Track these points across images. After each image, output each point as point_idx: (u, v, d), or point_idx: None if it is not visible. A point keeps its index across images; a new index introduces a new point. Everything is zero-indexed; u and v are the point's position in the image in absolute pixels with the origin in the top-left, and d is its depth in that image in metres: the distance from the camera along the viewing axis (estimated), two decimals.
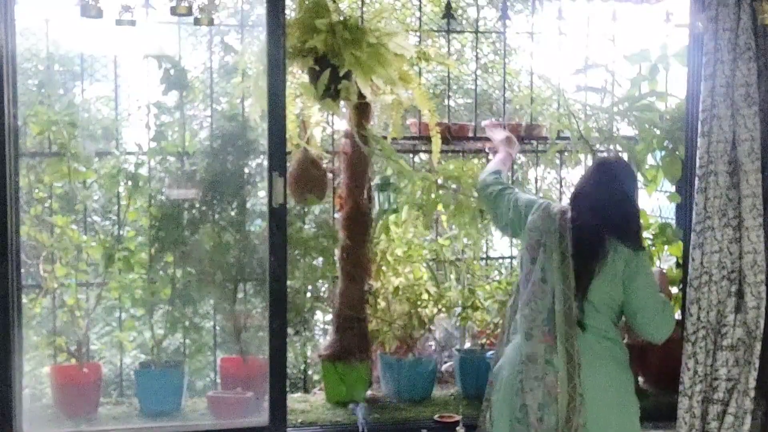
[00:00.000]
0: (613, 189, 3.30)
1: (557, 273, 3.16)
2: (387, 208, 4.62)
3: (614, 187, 3.30)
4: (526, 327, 3.16)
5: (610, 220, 3.24)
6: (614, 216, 3.25)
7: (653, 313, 3.20)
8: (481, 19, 7.18)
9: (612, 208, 3.27)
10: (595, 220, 3.24)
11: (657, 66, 4.78)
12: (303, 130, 4.34)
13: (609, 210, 3.26)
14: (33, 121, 4.14)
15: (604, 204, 3.26)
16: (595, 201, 3.28)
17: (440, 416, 4.06)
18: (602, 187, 3.30)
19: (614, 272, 3.20)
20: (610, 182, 3.31)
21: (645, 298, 3.20)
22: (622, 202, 3.30)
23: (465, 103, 7.63)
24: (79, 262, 4.24)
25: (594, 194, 3.30)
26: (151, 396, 4.17)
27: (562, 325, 3.09)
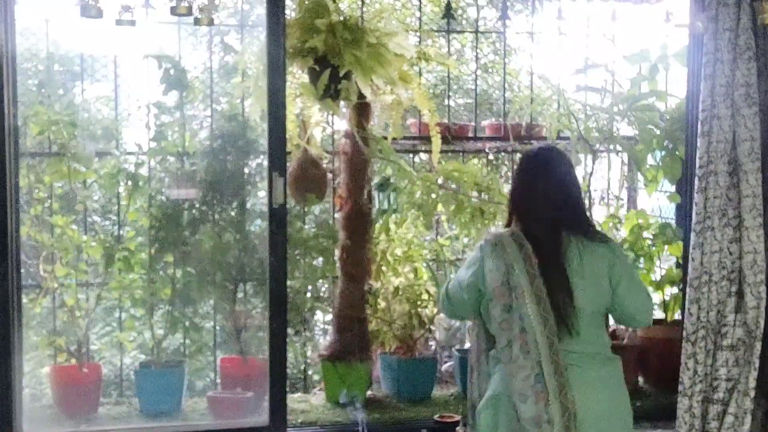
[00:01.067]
0: (547, 178, 2.97)
1: (535, 317, 2.81)
2: (387, 208, 4.63)
3: (547, 175, 2.98)
4: (519, 388, 2.81)
5: (559, 213, 2.94)
6: (561, 207, 2.95)
7: (645, 307, 3.01)
8: (481, 19, 7.17)
9: (556, 200, 2.95)
10: (547, 216, 2.93)
11: (657, 66, 4.78)
12: (303, 130, 4.34)
13: (553, 202, 2.94)
14: (33, 121, 4.14)
15: (546, 198, 2.94)
16: (535, 199, 2.96)
17: (440, 416, 4.06)
18: (537, 180, 2.97)
19: (597, 275, 2.90)
20: (542, 172, 3.00)
21: (638, 297, 2.97)
22: (561, 188, 2.98)
23: (465, 103, 7.62)
24: (79, 262, 4.24)
25: (532, 191, 2.97)
26: (151, 396, 4.17)
27: (551, 378, 2.80)
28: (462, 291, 3.02)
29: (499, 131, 4.85)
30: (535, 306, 2.83)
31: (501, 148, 5.01)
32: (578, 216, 3.00)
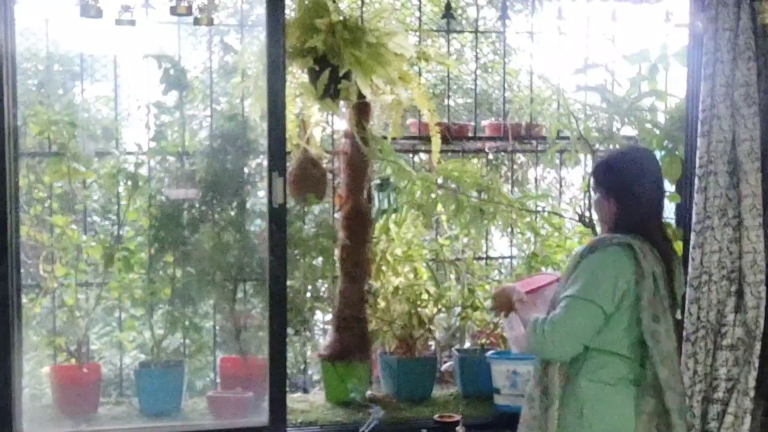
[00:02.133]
0: (660, 182, 3.06)
1: (671, 334, 2.89)
2: (387, 208, 4.63)
3: (660, 179, 3.06)
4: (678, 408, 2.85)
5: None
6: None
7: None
8: (481, 18, 7.18)
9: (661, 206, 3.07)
10: (660, 220, 3.04)
11: (657, 66, 4.77)
12: (303, 130, 4.34)
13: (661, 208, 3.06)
14: (33, 121, 4.13)
15: (661, 203, 3.05)
16: (657, 201, 3.02)
17: (440, 416, 4.06)
18: (658, 182, 3.04)
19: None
20: (658, 175, 3.05)
21: None
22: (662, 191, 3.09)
23: (465, 103, 7.62)
24: (78, 262, 4.24)
25: (654, 192, 3.01)
26: (151, 396, 4.16)
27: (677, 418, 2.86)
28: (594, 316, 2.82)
29: (498, 131, 4.85)
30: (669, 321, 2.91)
31: (501, 148, 5.02)
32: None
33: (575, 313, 2.81)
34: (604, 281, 2.83)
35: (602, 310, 2.81)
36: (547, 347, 2.83)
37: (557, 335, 2.81)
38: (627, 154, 3.11)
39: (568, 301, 2.83)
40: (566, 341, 2.82)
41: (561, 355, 2.87)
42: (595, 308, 2.81)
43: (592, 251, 2.90)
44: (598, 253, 2.88)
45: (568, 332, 2.81)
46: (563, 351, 2.85)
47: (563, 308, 2.83)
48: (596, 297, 2.81)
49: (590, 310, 2.81)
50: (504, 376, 4.19)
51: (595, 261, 2.87)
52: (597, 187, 3.06)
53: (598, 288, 2.83)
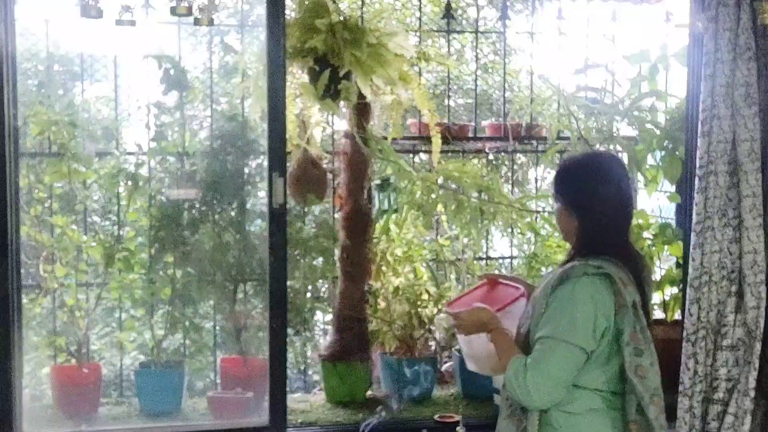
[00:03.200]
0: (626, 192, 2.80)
1: (656, 366, 2.71)
2: (387, 208, 4.63)
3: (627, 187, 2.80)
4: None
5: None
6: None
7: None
8: (481, 19, 7.17)
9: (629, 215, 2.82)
10: (626, 234, 2.80)
11: (657, 66, 4.78)
12: (303, 130, 4.34)
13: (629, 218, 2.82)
14: (33, 121, 4.13)
15: (627, 213, 2.81)
16: (623, 212, 2.79)
17: (440, 416, 4.06)
18: (623, 191, 2.77)
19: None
20: (624, 182, 2.79)
21: None
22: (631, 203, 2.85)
23: (465, 103, 7.62)
24: (79, 262, 4.24)
25: (619, 203, 2.76)
26: (151, 396, 4.16)
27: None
28: (575, 358, 2.62)
29: (499, 131, 4.85)
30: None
31: (501, 149, 5.02)
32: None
33: (556, 358, 2.60)
34: (583, 319, 2.61)
35: (584, 351, 2.62)
36: (533, 398, 2.63)
37: (541, 386, 2.61)
38: (588, 159, 2.94)
39: (546, 345, 2.62)
40: (552, 390, 2.62)
41: (547, 404, 2.66)
42: (576, 350, 2.61)
43: (563, 282, 2.66)
44: (571, 284, 2.64)
45: (552, 380, 2.61)
46: (549, 399, 2.64)
47: (542, 352, 2.62)
48: (575, 338, 2.60)
49: (571, 353, 2.61)
50: None
51: (569, 295, 2.64)
52: (557, 196, 2.83)
53: (575, 327, 2.60)
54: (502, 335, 2.81)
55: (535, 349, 2.65)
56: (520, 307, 2.96)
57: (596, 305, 2.62)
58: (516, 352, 2.72)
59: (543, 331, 2.65)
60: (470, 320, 2.90)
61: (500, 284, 3.19)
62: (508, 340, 2.79)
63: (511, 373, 2.66)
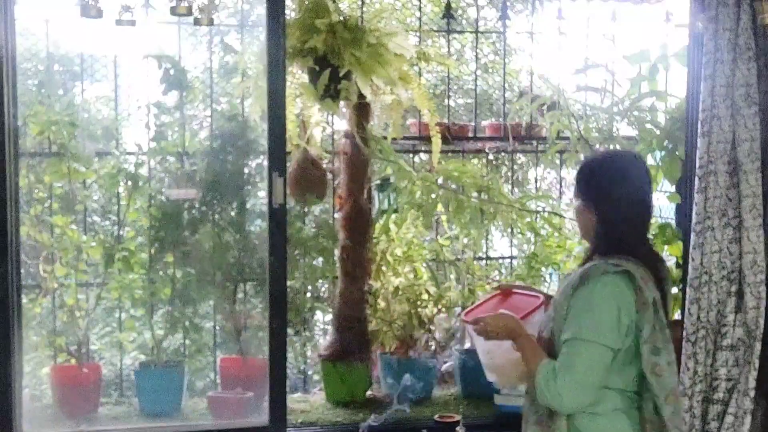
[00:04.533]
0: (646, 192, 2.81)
1: (673, 366, 2.72)
2: (387, 208, 4.63)
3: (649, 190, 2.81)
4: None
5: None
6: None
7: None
8: (481, 19, 7.17)
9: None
10: (645, 234, 2.81)
11: (657, 66, 4.78)
12: (303, 130, 4.34)
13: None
14: (33, 121, 4.13)
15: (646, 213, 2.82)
16: (641, 212, 2.79)
17: (440, 416, 4.05)
18: (643, 191, 2.78)
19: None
20: (644, 182, 2.79)
21: None
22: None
23: (465, 103, 7.62)
24: (79, 262, 4.24)
25: (638, 202, 2.76)
26: (151, 396, 4.16)
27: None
28: (603, 358, 2.61)
29: (499, 131, 4.85)
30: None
31: (501, 149, 5.02)
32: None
33: (584, 359, 2.59)
34: (607, 317, 2.61)
35: (611, 349, 2.60)
36: (564, 402, 2.60)
37: (573, 389, 2.58)
38: (610, 158, 2.93)
39: (573, 347, 2.60)
40: (583, 392, 2.60)
41: (579, 406, 2.64)
42: (604, 349, 2.59)
43: (584, 282, 2.65)
44: (592, 284, 2.64)
45: (583, 382, 2.59)
46: (581, 402, 2.62)
47: (570, 355, 2.60)
48: (601, 337, 2.59)
49: (599, 353, 2.59)
50: None
51: (591, 294, 2.63)
52: (576, 193, 2.83)
53: (601, 326, 2.60)
54: (528, 341, 2.77)
55: (562, 353, 2.63)
56: (539, 316, 2.94)
57: (618, 303, 2.62)
58: (543, 357, 2.69)
59: (568, 333, 2.63)
60: (496, 325, 2.85)
61: (515, 294, 3.15)
62: (534, 346, 2.75)
63: (541, 378, 2.63)
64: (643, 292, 2.63)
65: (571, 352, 2.60)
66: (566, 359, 2.61)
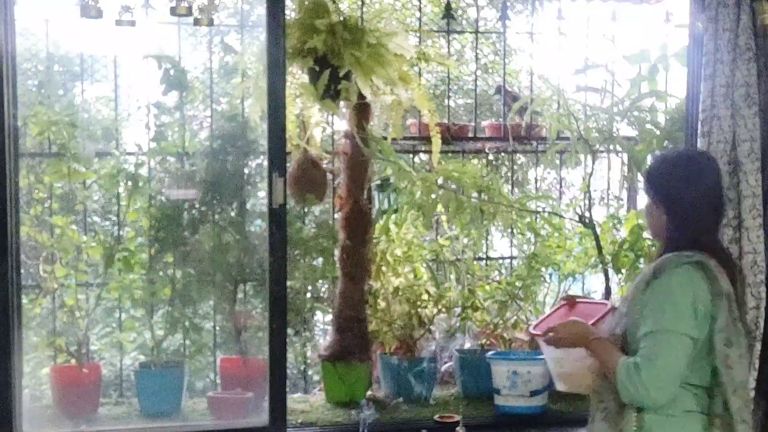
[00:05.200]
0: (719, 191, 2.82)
1: (744, 360, 2.73)
2: (387, 209, 4.63)
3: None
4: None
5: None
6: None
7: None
8: (481, 19, 7.17)
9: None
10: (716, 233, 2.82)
11: (657, 66, 4.78)
12: (303, 131, 4.34)
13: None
14: (33, 122, 4.13)
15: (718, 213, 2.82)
16: (713, 212, 2.79)
17: (440, 416, 4.06)
18: (715, 190, 2.80)
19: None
20: (717, 181, 2.82)
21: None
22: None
23: (465, 103, 7.62)
24: (78, 262, 4.24)
25: (710, 202, 2.77)
26: (151, 396, 4.16)
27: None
28: (685, 348, 2.60)
29: (499, 131, 4.85)
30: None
31: (501, 149, 5.02)
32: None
33: (667, 350, 2.58)
34: (685, 307, 2.60)
35: (691, 338, 2.59)
36: (651, 395, 2.58)
37: (658, 381, 2.57)
38: (682, 156, 2.94)
39: (654, 339, 2.59)
40: (668, 384, 2.59)
41: (666, 399, 2.61)
42: (685, 338, 2.59)
43: (658, 275, 2.65)
44: (667, 275, 2.64)
45: (668, 373, 2.58)
46: (668, 393, 2.60)
47: (651, 348, 2.58)
48: (682, 326, 2.59)
49: (681, 342, 2.58)
50: (504, 376, 4.19)
51: (667, 286, 2.63)
52: (647, 191, 2.83)
53: (680, 316, 2.59)
54: (601, 343, 2.76)
55: (643, 346, 2.61)
56: (607, 324, 2.91)
57: (694, 292, 2.62)
58: (621, 356, 2.67)
59: (647, 327, 2.62)
60: (568, 333, 2.85)
61: (580, 303, 3.15)
62: (609, 347, 2.74)
63: (623, 376, 2.60)
64: (718, 282, 2.64)
65: (653, 344, 2.59)
66: (648, 351, 2.59)
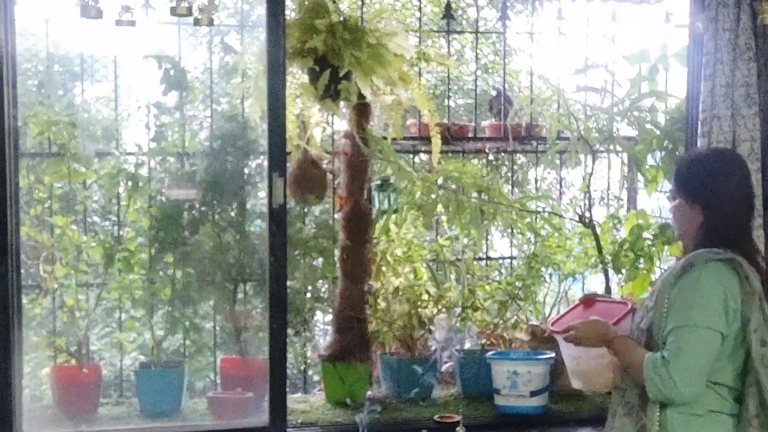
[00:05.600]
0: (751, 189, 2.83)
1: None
2: (387, 209, 4.63)
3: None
4: None
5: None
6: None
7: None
8: (481, 19, 7.18)
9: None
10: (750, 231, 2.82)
11: (657, 66, 4.78)
12: (303, 131, 4.34)
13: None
14: (33, 122, 4.13)
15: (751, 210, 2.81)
16: (747, 209, 2.79)
17: (440, 416, 4.06)
18: (749, 187, 2.81)
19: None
20: (748, 179, 2.84)
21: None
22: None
23: (465, 103, 7.63)
24: (79, 262, 4.24)
25: (745, 199, 2.78)
26: (151, 396, 4.16)
27: None
28: (713, 343, 2.58)
29: (499, 132, 4.85)
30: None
31: (501, 149, 5.02)
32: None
33: (695, 345, 2.55)
34: (714, 302, 2.58)
35: (720, 334, 2.57)
36: (680, 391, 2.55)
37: (687, 376, 2.54)
38: (715, 155, 2.94)
39: (682, 334, 2.56)
40: (696, 379, 2.56)
41: (694, 394, 2.58)
42: (713, 333, 2.56)
43: (688, 270, 2.63)
44: (697, 270, 2.61)
45: (696, 368, 2.55)
46: (696, 388, 2.57)
47: (679, 343, 2.56)
48: (710, 321, 2.56)
49: (709, 337, 2.56)
50: (504, 376, 4.19)
51: (697, 281, 2.60)
52: (678, 191, 2.78)
53: (708, 311, 2.57)
54: (623, 342, 2.75)
55: (671, 341, 2.59)
56: (627, 323, 2.89)
57: (725, 288, 2.59)
58: (645, 352, 2.65)
59: (675, 321, 2.60)
60: (589, 332, 2.82)
61: (599, 302, 3.12)
62: (632, 344, 2.73)
63: (651, 372, 2.59)
64: (749, 281, 2.62)
65: (680, 339, 2.57)
66: (676, 346, 2.57)
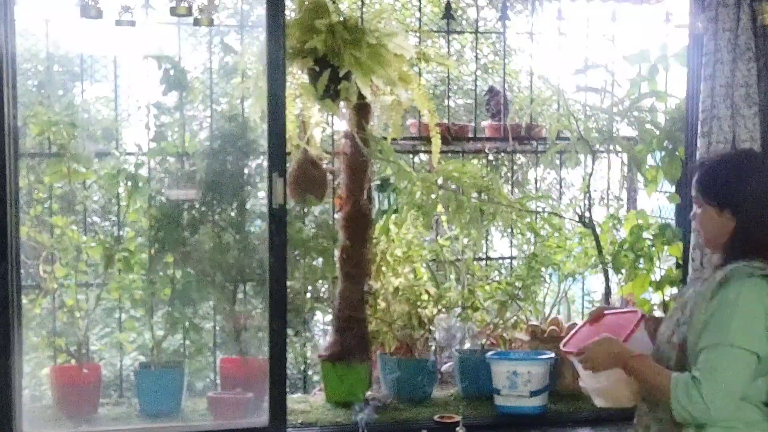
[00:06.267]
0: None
1: None
2: (387, 209, 4.63)
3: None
4: None
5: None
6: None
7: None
8: (481, 19, 7.17)
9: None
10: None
11: (657, 66, 4.78)
12: (303, 131, 4.34)
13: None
14: (33, 122, 4.13)
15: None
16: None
17: (440, 416, 4.05)
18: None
19: None
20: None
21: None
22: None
23: (465, 103, 7.62)
24: (78, 262, 4.24)
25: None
26: (150, 396, 4.16)
27: None
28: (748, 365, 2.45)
29: (499, 132, 4.85)
30: None
31: (501, 149, 5.02)
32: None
33: (729, 366, 2.41)
34: (752, 322, 2.44)
35: (756, 356, 2.43)
36: (711, 412, 2.42)
37: (719, 397, 2.40)
38: (739, 155, 2.80)
39: (716, 353, 2.43)
40: (728, 401, 2.42)
41: (726, 415, 2.45)
42: (749, 355, 2.42)
43: (725, 285, 2.48)
44: (737, 286, 2.46)
45: (729, 389, 2.41)
46: (729, 410, 2.44)
47: (712, 362, 2.42)
48: (746, 342, 2.42)
49: (744, 359, 2.43)
50: (504, 376, 4.19)
51: (735, 297, 2.45)
52: (705, 198, 2.60)
53: (745, 331, 2.42)
54: (641, 361, 2.59)
55: (703, 359, 2.45)
56: (640, 332, 2.77)
57: (765, 308, 2.46)
58: (669, 372, 2.52)
59: (709, 339, 2.46)
60: (600, 354, 2.66)
61: (607, 315, 2.99)
62: (651, 364, 2.59)
63: (680, 392, 2.44)
64: None
65: (714, 359, 2.44)
66: (709, 366, 2.44)
